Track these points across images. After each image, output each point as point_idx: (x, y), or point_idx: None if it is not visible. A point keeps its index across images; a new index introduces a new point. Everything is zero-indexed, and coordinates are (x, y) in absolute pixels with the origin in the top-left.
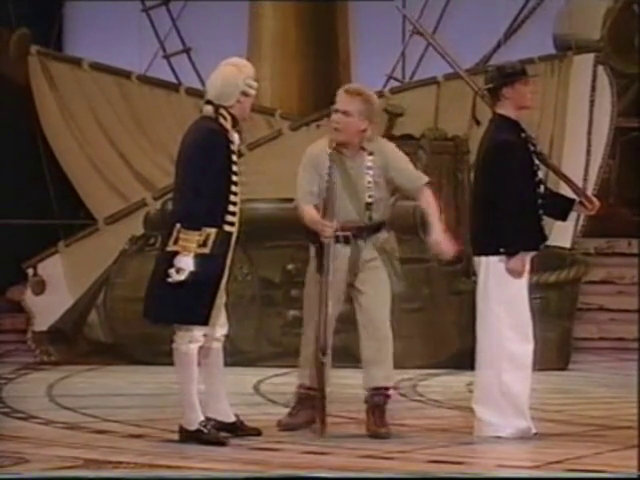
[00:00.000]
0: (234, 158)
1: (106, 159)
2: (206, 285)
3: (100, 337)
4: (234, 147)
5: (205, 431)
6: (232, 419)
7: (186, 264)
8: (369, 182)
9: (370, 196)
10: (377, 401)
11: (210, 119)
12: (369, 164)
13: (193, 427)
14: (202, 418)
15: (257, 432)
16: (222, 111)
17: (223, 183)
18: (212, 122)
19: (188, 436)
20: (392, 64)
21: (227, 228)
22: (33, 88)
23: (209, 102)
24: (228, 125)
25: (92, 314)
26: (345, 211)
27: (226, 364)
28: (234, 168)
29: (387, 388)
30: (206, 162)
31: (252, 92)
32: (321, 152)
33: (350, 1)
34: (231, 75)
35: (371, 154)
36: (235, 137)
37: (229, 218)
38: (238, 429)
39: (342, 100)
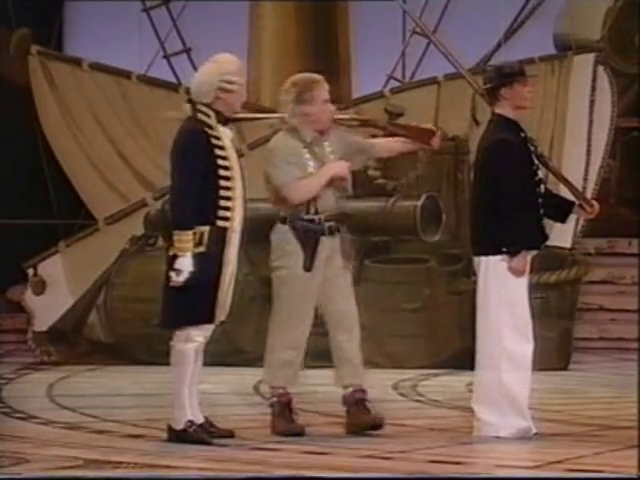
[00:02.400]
0: (220, 153)
1: (106, 159)
2: (206, 283)
3: (100, 337)
4: (221, 142)
5: (190, 431)
6: (200, 420)
7: (183, 265)
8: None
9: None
10: (360, 397)
11: (190, 118)
12: (329, 149)
13: (179, 426)
14: (188, 418)
15: (230, 434)
16: (202, 108)
17: (208, 180)
18: (191, 121)
19: (174, 435)
20: (392, 64)
21: (221, 224)
22: (33, 88)
23: (189, 100)
24: (212, 121)
25: (92, 314)
26: (326, 200)
27: (226, 364)
28: (221, 162)
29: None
30: (184, 162)
31: (231, 87)
32: (292, 145)
33: (350, 1)
34: (207, 72)
35: (325, 140)
36: (224, 132)
37: (222, 213)
38: (208, 430)
39: (326, 90)
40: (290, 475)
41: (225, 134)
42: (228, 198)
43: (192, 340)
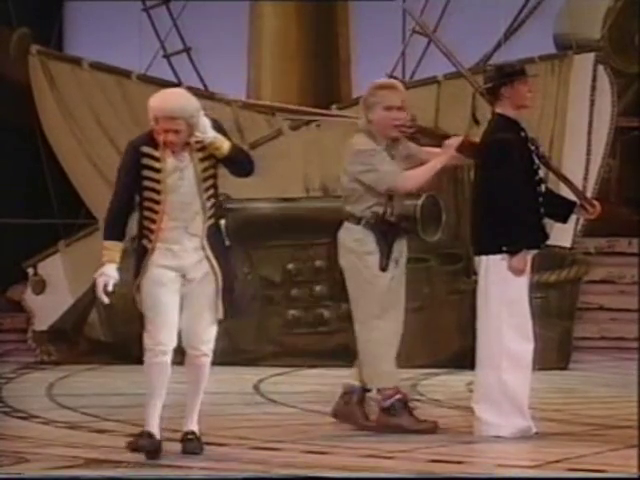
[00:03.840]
0: (148, 174)
1: (106, 158)
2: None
3: (100, 336)
4: (157, 164)
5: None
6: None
7: (98, 273)
8: None
9: None
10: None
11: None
12: (404, 152)
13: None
14: (145, 429)
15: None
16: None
17: (126, 198)
18: (144, 134)
19: None
20: (392, 63)
21: (144, 242)
22: (33, 87)
23: None
24: (160, 142)
25: (92, 313)
26: (400, 203)
27: (226, 363)
28: (147, 184)
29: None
30: (117, 174)
31: (153, 123)
32: (374, 146)
33: (350, 1)
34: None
35: (400, 144)
36: (169, 158)
37: (145, 232)
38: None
39: (396, 96)
40: (291, 475)
41: (169, 160)
42: (151, 220)
43: (148, 348)
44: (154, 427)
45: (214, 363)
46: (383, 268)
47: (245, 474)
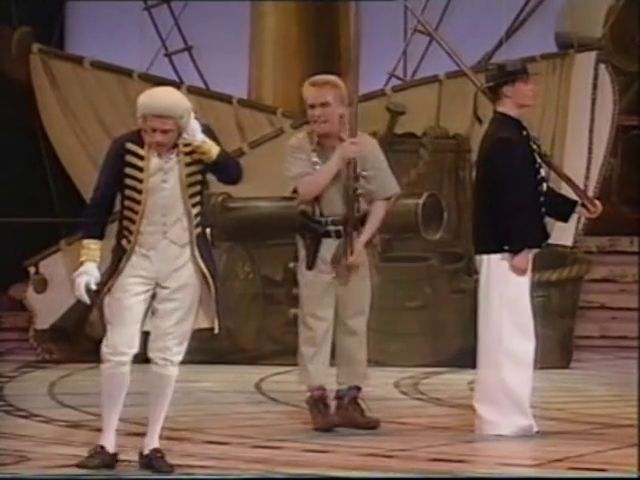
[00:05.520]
0: (130, 171)
1: None
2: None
3: (102, 335)
4: (140, 162)
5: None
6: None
7: (75, 274)
8: (357, 172)
9: (357, 187)
10: (356, 395)
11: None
12: (352, 155)
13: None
14: (99, 443)
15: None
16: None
17: (107, 196)
18: (131, 132)
19: None
20: (394, 62)
21: (123, 242)
22: (35, 86)
23: None
24: (147, 141)
25: (94, 312)
26: (334, 204)
27: (227, 362)
28: (129, 182)
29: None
30: (100, 170)
31: (141, 122)
32: (303, 145)
33: (352, 0)
34: (142, 93)
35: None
36: (153, 158)
37: (124, 232)
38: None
39: (315, 94)
40: (292, 474)
41: (153, 159)
42: (131, 220)
43: (106, 359)
44: (109, 439)
45: (215, 362)
46: (309, 267)
47: (247, 473)
